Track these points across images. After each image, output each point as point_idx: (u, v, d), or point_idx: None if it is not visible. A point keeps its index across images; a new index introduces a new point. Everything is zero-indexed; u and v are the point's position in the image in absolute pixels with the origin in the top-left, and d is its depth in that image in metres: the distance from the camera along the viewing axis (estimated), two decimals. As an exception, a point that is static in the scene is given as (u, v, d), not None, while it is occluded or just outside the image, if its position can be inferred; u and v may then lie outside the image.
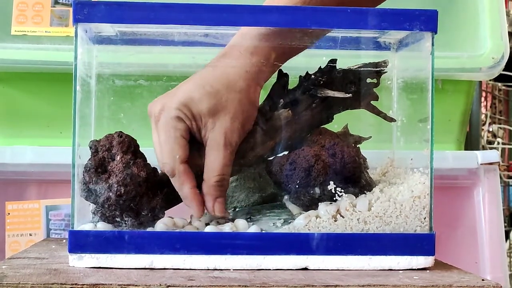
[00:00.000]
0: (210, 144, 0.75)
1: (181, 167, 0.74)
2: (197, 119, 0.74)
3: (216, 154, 0.75)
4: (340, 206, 0.75)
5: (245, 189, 0.85)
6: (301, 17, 0.73)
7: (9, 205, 1.10)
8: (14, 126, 1.14)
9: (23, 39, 1.11)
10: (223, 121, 0.75)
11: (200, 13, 0.73)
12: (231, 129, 0.75)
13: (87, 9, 0.71)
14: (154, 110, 0.75)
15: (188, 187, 0.75)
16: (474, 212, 1.16)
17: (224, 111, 0.75)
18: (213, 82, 0.75)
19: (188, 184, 0.75)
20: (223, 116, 0.75)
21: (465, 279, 0.68)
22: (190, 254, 0.72)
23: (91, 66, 0.79)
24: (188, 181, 0.75)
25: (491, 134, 2.22)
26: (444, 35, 1.14)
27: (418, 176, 0.76)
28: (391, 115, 0.83)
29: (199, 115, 0.74)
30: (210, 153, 0.75)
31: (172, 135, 0.74)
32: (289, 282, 0.65)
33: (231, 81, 0.75)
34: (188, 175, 0.75)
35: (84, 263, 0.72)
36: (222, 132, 0.74)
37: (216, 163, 0.75)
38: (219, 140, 0.74)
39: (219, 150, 0.74)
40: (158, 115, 0.74)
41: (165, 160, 0.74)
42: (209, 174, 0.75)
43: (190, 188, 0.75)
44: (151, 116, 0.76)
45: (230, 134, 0.75)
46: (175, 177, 0.75)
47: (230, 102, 0.75)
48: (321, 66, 0.80)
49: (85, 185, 0.74)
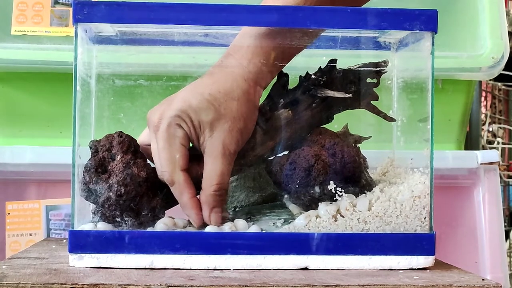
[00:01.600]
0: (209, 153, 0.74)
1: (181, 175, 0.74)
2: (195, 127, 0.74)
3: (214, 163, 0.74)
4: (340, 206, 0.75)
5: (245, 189, 0.85)
6: (301, 17, 0.73)
7: (9, 205, 1.10)
8: (14, 126, 1.14)
9: (23, 39, 1.11)
10: (222, 129, 0.74)
11: (200, 13, 0.72)
12: (230, 138, 0.74)
13: (87, 9, 0.71)
14: (153, 118, 0.74)
15: (187, 196, 0.74)
16: (474, 212, 1.16)
17: (223, 119, 0.74)
18: (212, 90, 0.75)
19: (187, 194, 0.74)
20: (222, 124, 0.74)
21: (465, 279, 0.68)
22: (190, 254, 0.72)
23: (91, 66, 0.79)
24: (188, 190, 0.74)
25: (491, 134, 2.22)
26: (444, 35, 1.14)
27: (418, 176, 0.76)
28: (391, 115, 0.83)
29: (198, 123, 0.74)
30: (208, 162, 0.74)
31: (171, 143, 0.73)
32: (289, 282, 0.65)
33: (230, 88, 0.75)
34: (188, 184, 0.74)
35: (84, 263, 0.72)
36: (220, 141, 0.74)
37: (214, 172, 0.74)
38: (218, 148, 0.74)
39: (217, 159, 0.74)
40: (158, 123, 0.74)
41: (164, 168, 0.74)
42: (207, 183, 0.74)
43: (190, 197, 0.74)
44: (150, 124, 0.75)
45: (229, 143, 0.74)
46: (174, 186, 0.74)
47: (229, 110, 0.74)
48: (321, 66, 0.80)
49: (85, 185, 0.74)
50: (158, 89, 0.84)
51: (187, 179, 0.74)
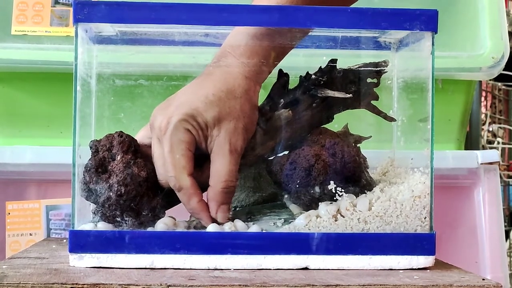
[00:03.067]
0: (216, 151, 0.74)
1: (188, 180, 0.74)
2: (203, 129, 0.74)
3: (223, 160, 0.74)
4: (341, 206, 0.75)
5: (245, 189, 0.85)
6: (301, 17, 0.73)
7: (9, 205, 1.10)
8: (14, 126, 1.14)
9: (23, 39, 1.11)
10: (228, 127, 0.74)
11: (201, 13, 0.72)
12: (236, 135, 0.75)
13: (88, 9, 0.71)
14: (159, 123, 0.74)
15: (196, 200, 0.74)
16: (474, 211, 1.16)
17: (228, 118, 0.74)
18: (215, 90, 0.75)
19: (196, 198, 0.74)
20: (228, 123, 0.74)
21: (465, 279, 0.68)
22: (190, 253, 0.72)
23: (91, 66, 0.79)
24: (196, 195, 0.74)
25: (491, 133, 2.22)
26: (444, 35, 1.14)
27: (418, 176, 0.76)
28: (391, 114, 0.83)
29: (205, 125, 0.74)
30: (216, 160, 0.74)
31: (179, 148, 0.73)
32: (289, 282, 0.65)
33: (231, 87, 0.75)
34: (195, 188, 0.74)
35: (84, 263, 0.72)
36: (227, 139, 0.74)
37: (223, 169, 0.74)
38: (225, 146, 0.74)
39: (225, 156, 0.74)
40: (164, 128, 0.73)
41: (171, 173, 0.74)
42: (215, 180, 0.74)
43: (198, 201, 0.74)
44: (154, 129, 0.75)
45: (235, 140, 0.75)
46: (181, 192, 0.74)
47: (233, 108, 0.75)
48: (321, 66, 0.80)
49: (85, 185, 0.74)
50: (159, 89, 0.84)
51: (194, 183, 0.74)
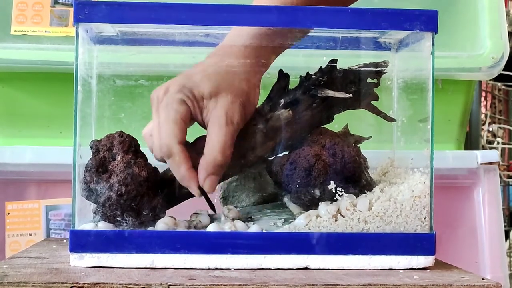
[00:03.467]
0: (212, 123, 0.74)
1: (178, 147, 0.73)
2: (199, 101, 0.74)
3: (218, 132, 0.74)
4: (341, 206, 0.75)
5: (245, 189, 0.85)
6: (301, 17, 0.73)
7: (9, 205, 1.11)
8: (14, 126, 1.14)
9: (23, 39, 1.11)
10: (225, 100, 0.74)
11: (201, 13, 0.73)
12: (233, 109, 0.74)
13: (88, 9, 0.72)
14: (158, 94, 0.75)
15: (185, 168, 0.73)
16: (474, 212, 1.16)
17: (225, 92, 0.75)
18: (215, 66, 0.76)
19: (185, 165, 0.73)
20: (225, 96, 0.74)
21: (465, 279, 0.68)
22: (191, 253, 0.72)
23: (92, 66, 0.79)
24: (185, 162, 0.73)
25: (491, 134, 2.23)
26: (444, 35, 1.14)
27: (418, 176, 0.76)
28: (391, 115, 0.83)
29: (201, 97, 0.74)
30: (211, 132, 0.74)
31: (172, 117, 0.73)
32: (289, 282, 0.65)
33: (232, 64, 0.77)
34: (185, 156, 0.73)
35: (85, 262, 0.72)
36: (224, 111, 0.74)
37: (217, 141, 0.74)
38: (221, 118, 0.74)
39: (221, 128, 0.74)
40: (161, 98, 0.74)
41: (163, 140, 0.73)
42: (208, 150, 0.74)
43: (187, 168, 0.73)
44: (154, 101, 0.75)
45: (232, 113, 0.74)
46: (171, 158, 0.73)
47: (232, 83, 0.75)
48: (321, 66, 0.80)
49: (86, 185, 0.74)
50: (159, 89, 0.84)
51: (184, 151, 0.73)
